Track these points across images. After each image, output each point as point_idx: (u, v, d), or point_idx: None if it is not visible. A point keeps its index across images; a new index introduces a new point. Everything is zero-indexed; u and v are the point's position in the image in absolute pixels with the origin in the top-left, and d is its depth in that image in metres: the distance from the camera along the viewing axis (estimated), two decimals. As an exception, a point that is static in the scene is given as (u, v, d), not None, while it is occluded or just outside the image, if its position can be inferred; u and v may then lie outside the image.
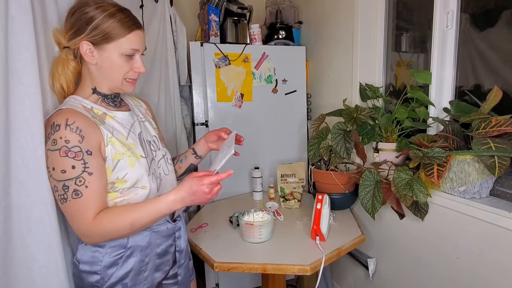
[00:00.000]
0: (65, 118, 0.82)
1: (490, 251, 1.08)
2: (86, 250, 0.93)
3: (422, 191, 1.16)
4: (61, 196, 0.82)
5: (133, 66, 0.93)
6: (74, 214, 0.83)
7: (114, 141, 0.89)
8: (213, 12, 1.88)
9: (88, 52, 0.88)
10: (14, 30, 0.84)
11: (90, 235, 0.85)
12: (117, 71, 0.91)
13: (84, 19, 0.86)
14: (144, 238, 0.96)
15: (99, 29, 0.86)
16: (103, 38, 0.86)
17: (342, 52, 1.81)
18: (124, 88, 0.95)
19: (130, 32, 0.89)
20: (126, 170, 0.90)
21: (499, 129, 1.03)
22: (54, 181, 0.82)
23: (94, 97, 0.93)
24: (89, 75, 0.92)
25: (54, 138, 0.81)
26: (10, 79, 0.84)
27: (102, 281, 0.91)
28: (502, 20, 1.17)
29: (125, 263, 0.93)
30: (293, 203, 1.74)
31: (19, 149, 0.87)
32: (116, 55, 0.89)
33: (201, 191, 0.84)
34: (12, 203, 0.87)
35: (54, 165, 0.81)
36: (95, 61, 0.89)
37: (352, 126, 1.45)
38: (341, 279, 1.97)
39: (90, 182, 0.82)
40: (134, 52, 0.92)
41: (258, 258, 1.24)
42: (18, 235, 0.89)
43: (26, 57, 0.86)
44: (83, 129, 0.83)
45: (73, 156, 0.80)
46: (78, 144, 0.81)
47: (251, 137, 1.99)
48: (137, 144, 0.96)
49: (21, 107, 0.87)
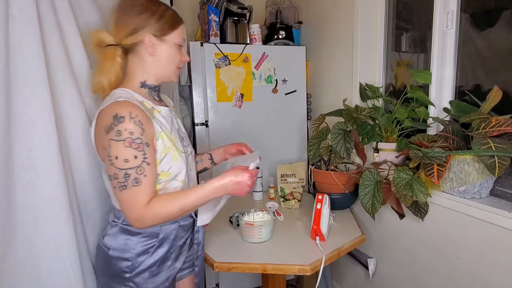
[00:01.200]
0: (129, 111, 0.86)
1: (490, 251, 1.08)
2: (118, 238, 0.99)
3: (422, 191, 1.16)
4: (121, 183, 0.86)
5: (183, 55, 1.03)
6: (131, 200, 0.87)
7: (163, 136, 0.96)
8: (213, 12, 1.88)
9: (150, 44, 0.94)
10: (16, 30, 0.84)
11: (142, 220, 0.89)
12: (173, 60, 1.00)
13: (144, 15, 0.93)
14: (173, 231, 1.04)
15: (162, 21, 0.94)
16: (164, 30, 0.95)
17: (342, 52, 1.81)
18: (174, 77, 1.03)
19: (181, 24, 1.00)
20: (171, 163, 0.97)
21: (499, 129, 1.03)
22: (115, 169, 0.86)
23: (141, 90, 0.99)
24: (141, 68, 0.98)
25: (118, 129, 0.85)
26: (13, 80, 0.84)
27: (132, 267, 0.98)
28: (502, 20, 1.17)
29: (155, 252, 1.01)
30: (293, 203, 1.74)
31: (25, 150, 0.87)
32: (172, 45, 0.98)
33: (245, 182, 0.95)
34: (17, 203, 0.87)
35: (117, 154, 0.85)
36: (154, 53, 0.96)
37: (352, 126, 1.45)
38: (341, 279, 1.97)
39: (148, 171, 0.88)
40: (183, 42, 1.01)
41: (258, 258, 1.24)
42: (23, 234, 0.89)
43: (30, 57, 0.86)
44: (144, 122, 0.88)
45: (136, 147, 0.86)
46: (140, 136, 0.87)
47: (251, 137, 1.99)
48: (178, 139, 1.03)
49: (27, 108, 0.87)
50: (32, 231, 0.91)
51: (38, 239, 0.91)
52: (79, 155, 1.08)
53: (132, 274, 0.98)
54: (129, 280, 0.98)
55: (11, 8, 0.83)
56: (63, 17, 1.00)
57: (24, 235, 0.89)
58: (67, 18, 1.01)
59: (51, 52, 0.96)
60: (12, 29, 0.83)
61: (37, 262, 0.92)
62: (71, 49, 1.05)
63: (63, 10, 1.00)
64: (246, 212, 1.41)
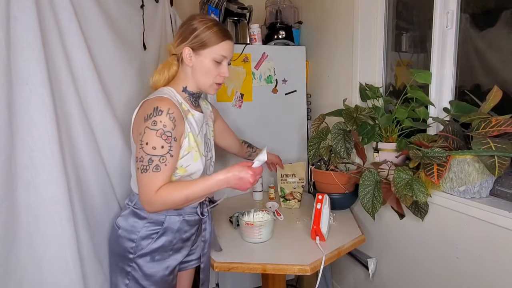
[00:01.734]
0: (167, 107, 0.98)
1: (490, 251, 1.08)
2: (128, 219, 1.10)
3: (422, 191, 1.16)
4: (144, 166, 0.96)
5: (220, 71, 1.10)
6: (147, 184, 0.97)
7: (190, 136, 1.07)
8: (213, 12, 1.88)
9: (188, 56, 1.07)
10: (17, 30, 0.84)
11: (151, 203, 0.98)
12: (208, 74, 1.09)
13: (189, 30, 1.06)
14: (176, 223, 1.12)
15: (199, 37, 1.05)
16: (201, 44, 1.05)
17: (342, 52, 1.81)
18: (210, 90, 1.13)
19: (222, 41, 1.07)
20: (190, 162, 1.07)
21: (499, 129, 1.03)
22: (142, 152, 0.97)
23: (183, 94, 1.12)
24: (184, 76, 1.11)
25: (155, 120, 0.96)
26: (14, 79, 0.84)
27: (136, 249, 1.08)
28: (502, 20, 1.17)
29: (159, 239, 1.10)
30: (293, 203, 1.74)
31: (27, 149, 0.88)
32: (208, 59, 1.07)
33: (247, 179, 1.01)
34: (18, 203, 0.87)
35: (148, 140, 0.96)
36: (191, 64, 1.08)
37: (352, 126, 1.45)
38: (341, 279, 1.97)
39: (169, 162, 0.98)
40: (223, 59, 1.09)
41: (258, 258, 1.24)
42: (25, 234, 0.89)
43: (31, 57, 0.86)
44: (177, 120, 1.00)
45: (165, 139, 0.97)
46: (171, 131, 0.98)
47: (251, 137, 1.98)
48: (202, 143, 1.14)
49: (27, 108, 0.87)
50: (34, 231, 0.91)
51: (39, 239, 0.91)
52: (83, 153, 1.08)
53: (135, 256, 1.08)
54: (132, 260, 1.08)
55: (11, 8, 0.83)
56: (64, 17, 1.01)
57: (26, 235, 0.89)
58: (69, 19, 1.02)
59: (52, 52, 0.96)
60: (13, 29, 0.83)
61: (40, 262, 0.92)
62: (72, 49, 1.05)
63: (64, 10, 1.00)
64: (246, 212, 1.41)
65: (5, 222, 0.84)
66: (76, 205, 1.01)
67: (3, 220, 0.83)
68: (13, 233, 0.87)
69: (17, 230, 0.88)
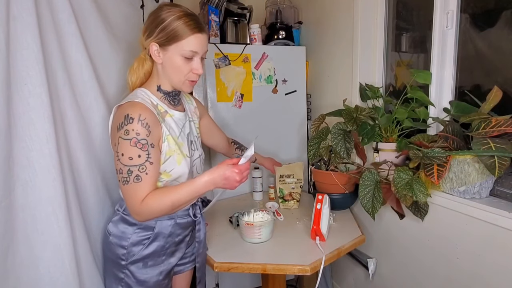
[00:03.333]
0: (139, 114, 0.93)
1: (490, 251, 1.08)
2: (118, 226, 1.07)
3: (422, 191, 1.16)
4: (124, 178, 0.93)
5: (192, 67, 1.01)
6: (131, 194, 0.94)
7: (170, 139, 1.01)
8: (213, 12, 1.88)
9: (155, 52, 0.99)
10: (17, 30, 0.84)
11: (139, 213, 0.96)
12: (178, 72, 1.00)
13: (155, 22, 0.97)
14: (168, 227, 1.09)
15: (165, 31, 0.95)
16: (166, 39, 0.96)
17: (342, 52, 1.81)
18: (184, 88, 1.05)
19: (191, 35, 0.96)
20: (174, 165, 1.02)
21: (499, 129, 1.03)
22: (120, 164, 0.93)
23: (158, 94, 1.05)
24: (157, 73, 1.04)
25: (126, 129, 0.92)
26: (13, 80, 0.84)
27: (128, 255, 1.05)
28: (502, 20, 1.17)
29: (150, 245, 1.06)
30: (292, 203, 1.74)
31: (25, 150, 0.87)
32: (177, 56, 0.98)
33: (233, 178, 0.97)
34: (16, 203, 0.87)
35: (124, 151, 0.92)
36: (160, 61, 1.00)
37: (352, 126, 1.45)
38: (341, 279, 1.97)
39: (150, 170, 0.94)
40: (193, 55, 0.99)
41: (258, 258, 1.24)
42: (22, 234, 0.89)
43: (30, 57, 0.86)
44: (151, 125, 0.94)
45: (141, 147, 0.92)
46: (146, 138, 0.93)
47: (251, 137, 1.98)
48: (184, 144, 1.08)
49: (26, 108, 0.87)
50: (31, 231, 0.91)
51: (37, 239, 0.91)
52: (78, 154, 1.08)
53: (127, 262, 1.05)
54: (125, 267, 1.05)
55: (11, 8, 0.83)
56: (63, 17, 1.00)
57: (24, 235, 0.89)
58: (68, 19, 1.01)
59: (51, 53, 0.96)
60: (12, 29, 0.83)
61: (37, 262, 0.92)
62: (71, 49, 1.05)
63: (63, 11, 1.00)
64: (246, 212, 1.41)
65: (3, 222, 0.84)
66: (73, 205, 1.01)
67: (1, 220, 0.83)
68: (11, 233, 0.87)
69: (14, 230, 0.88)
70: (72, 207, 1.01)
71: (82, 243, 1.05)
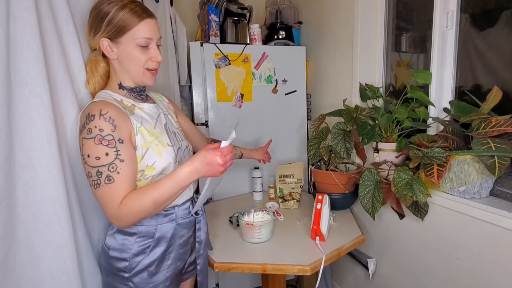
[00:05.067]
0: (99, 109, 0.86)
1: (490, 251, 1.08)
2: (116, 238, 1.00)
3: (422, 191, 1.16)
4: (94, 181, 0.85)
5: (150, 55, 0.95)
6: (105, 198, 0.86)
7: (143, 130, 0.94)
8: (213, 12, 1.88)
9: (108, 48, 0.92)
10: (17, 30, 0.84)
11: (119, 218, 0.87)
12: (136, 63, 0.94)
13: (99, 16, 0.91)
14: (170, 229, 1.03)
15: (112, 23, 0.89)
16: (116, 31, 0.90)
17: (342, 52, 1.81)
18: (145, 79, 0.98)
19: (141, 21, 0.91)
20: (155, 158, 0.94)
21: (499, 129, 1.03)
22: (88, 167, 0.86)
23: (121, 91, 0.99)
24: (114, 71, 0.98)
25: (89, 127, 0.85)
26: (13, 80, 0.84)
27: (130, 267, 0.98)
28: (502, 20, 1.17)
29: (152, 252, 1.00)
30: (292, 203, 1.74)
31: (25, 150, 0.87)
32: (132, 46, 0.92)
33: (215, 162, 0.86)
34: (17, 203, 0.87)
35: (89, 152, 0.85)
36: (115, 56, 0.94)
37: (352, 126, 1.45)
38: (341, 279, 1.97)
39: (122, 168, 0.86)
40: (149, 42, 0.93)
41: (258, 258, 1.24)
42: (24, 234, 0.89)
43: (30, 57, 0.86)
44: (115, 118, 0.87)
45: (107, 144, 0.85)
46: (111, 133, 0.86)
47: (251, 137, 1.99)
48: (163, 134, 1.01)
49: (26, 108, 0.87)
50: (33, 231, 0.91)
51: (38, 239, 0.91)
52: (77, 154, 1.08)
53: (130, 274, 0.99)
54: (128, 280, 0.99)
55: (11, 8, 0.83)
56: (62, 17, 1.00)
57: (25, 235, 0.90)
58: (66, 19, 1.01)
59: (51, 53, 0.96)
60: (12, 29, 0.83)
61: (38, 262, 0.92)
62: (70, 50, 1.05)
63: (61, 11, 0.99)
64: (246, 212, 1.41)
65: (5, 222, 0.84)
66: (74, 205, 1.01)
67: (2, 220, 0.83)
68: (12, 233, 0.87)
69: (16, 230, 0.88)
70: (73, 207, 1.01)
71: (84, 243, 1.05)
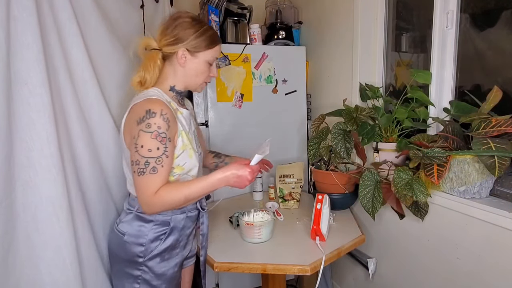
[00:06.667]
0: (160, 109, 0.98)
1: (490, 251, 1.08)
2: (132, 224, 1.10)
3: (422, 191, 1.16)
4: (140, 169, 0.96)
5: (211, 72, 1.14)
6: (145, 185, 0.97)
7: (183, 134, 1.07)
8: (213, 12, 1.88)
9: (182, 57, 1.07)
10: (17, 30, 0.84)
11: (150, 205, 0.98)
12: (200, 75, 1.12)
13: (186, 32, 1.06)
14: (181, 221, 1.14)
15: (197, 40, 1.06)
16: (198, 47, 1.07)
17: (342, 52, 1.81)
18: (199, 88, 1.17)
19: (216, 45, 1.11)
20: (186, 160, 1.07)
21: (499, 129, 1.03)
22: (138, 155, 0.96)
23: (170, 93, 1.12)
24: (173, 74, 1.11)
25: (148, 122, 0.96)
26: (13, 79, 0.84)
27: (146, 252, 1.08)
28: (502, 20, 1.17)
29: (167, 239, 1.11)
30: (292, 203, 1.74)
31: (25, 150, 0.88)
32: (203, 62, 1.10)
33: (245, 177, 1.02)
34: (17, 202, 0.87)
35: (143, 143, 0.96)
36: (184, 65, 1.08)
37: (352, 126, 1.45)
38: (341, 279, 1.97)
39: (165, 163, 0.98)
40: (214, 61, 1.14)
41: (258, 258, 1.24)
42: (23, 234, 0.89)
43: (30, 57, 0.86)
44: (171, 120, 1.00)
45: (160, 140, 0.97)
46: (165, 131, 0.98)
47: (251, 138, 1.99)
48: (193, 140, 1.14)
49: (26, 108, 0.87)
50: (32, 231, 0.91)
51: (38, 239, 0.92)
52: (81, 154, 1.09)
53: (145, 259, 1.08)
54: (142, 264, 1.08)
55: (12, 9, 0.83)
56: (63, 17, 1.01)
57: (25, 235, 0.90)
58: (68, 19, 1.02)
59: (52, 53, 0.96)
60: (13, 29, 0.84)
61: (38, 261, 0.92)
62: (72, 49, 1.05)
63: (63, 10, 1.00)
64: (246, 212, 1.41)
65: (4, 222, 0.84)
66: (75, 205, 1.01)
67: (2, 220, 0.83)
68: (12, 233, 0.87)
69: (15, 230, 0.88)
70: (75, 207, 1.01)
71: (85, 242, 1.05)
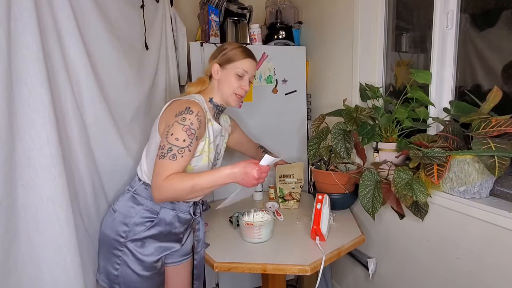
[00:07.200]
0: (197, 110, 1.10)
1: (490, 251, 1.08)
2: (125, 203, 1.19)
3: (422, 191, 1.16)
4: (163, 153, 1.05)
5: (241, 84, 1.24)
6: (161, 169, 1.04)
7: (207, 141, 1.18)
8: (213, 12, 1.88)
9: (216, 70, 1.24)
10: (18, 30, 0.85)
11: (160, 189, 1.03)
12: (230, 85, 1.23)
13: (219, 50, 1.27)
14: (169, 216, 1.21)
15: (226, 55, 1.23)
16: (227, 60, 1.23)
17: (342, 52, 1.81)
18: (231, 100, 1.25)
19: (245, 58, 1.23)
20: (199, 162, 1.17)
21: (499, 129, 1.03)
22: (165, 141, 1.06)
23: (209, 104, 1.25)
24: (212, 89, 1.26)
25: (184, 116, 1.08)
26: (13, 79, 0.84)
27: (128, 233, 1.15)
28: (502, 20, 1.17)
29: (152, 228, 1.18)
30: (292, 203, 1.74)
31: (25, 149, 0.88)
32: (232, 73, 1.22)
33: (252, 174, 1.05)
34: (18, 202, 0.87)
35: (173, 132, 1.06)
36: (218, 77, 1.24)
37: (352, 126, 1.45)
38: (341, 279, 1.97)
39: (186, 155, 1.06)
40: (244, 74, 1.24)
41: (258, 258, 1.24)
42: (24, 234, 0.90)
43: (30, 57, 0.86)
44: (202, 123, 1.12)
45: (189, 135, 1.07)
46: (196, 129, 1.09)
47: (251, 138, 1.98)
48: (213, 151, 1.24)
49: (26, 108, 0.87)
50: (33, 231, 0.91)
51: (38, 238, 0.92)
52: (78, 153, 1.09)
53: (126, 240, 1.15)
54: (123, 245, 1.15)
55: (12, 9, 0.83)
56: (63, 16, 1.01)
57: (25, 234, 0.90)
58: (67, 19, 1.02)
59: (51, 53, 0.96)
60: (13, 29, 0.84)
61: (38, 261, 0.92)
62: (70, 49, 1.05)
63: (62, 10, 1.00)
64: (246, 212, 1.41)
65: (5, 221, 0.84)
66: (73, 204, 1.02)
67: (3, 219, 0.83)
68: (12, 232, 0.87)
69: (16, 229, 0.88)
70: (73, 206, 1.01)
71: (83, 241, 1.05)
